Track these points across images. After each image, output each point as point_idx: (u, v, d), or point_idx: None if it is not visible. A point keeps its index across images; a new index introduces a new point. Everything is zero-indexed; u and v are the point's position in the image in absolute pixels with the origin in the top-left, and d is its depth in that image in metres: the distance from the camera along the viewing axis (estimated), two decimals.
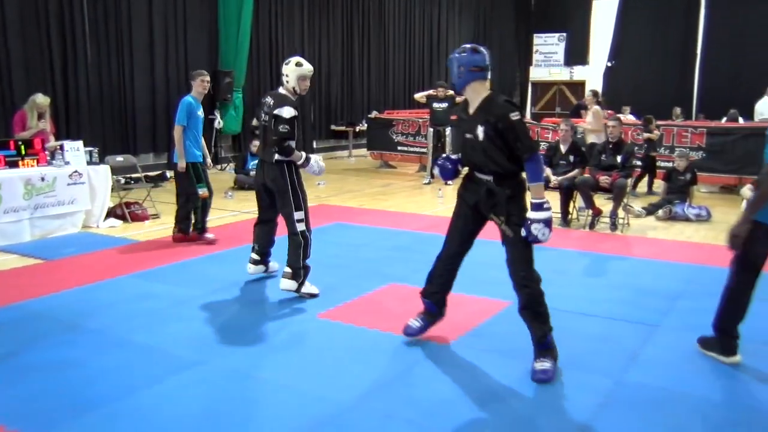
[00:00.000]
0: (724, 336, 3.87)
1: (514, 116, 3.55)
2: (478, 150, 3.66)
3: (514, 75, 23.80)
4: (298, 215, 4.85)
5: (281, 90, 4.95)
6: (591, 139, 9.85)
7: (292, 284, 4.91)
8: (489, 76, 3.78)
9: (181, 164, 6.48)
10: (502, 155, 3.59)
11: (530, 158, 3.55)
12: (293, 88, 4.91)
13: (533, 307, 3.68)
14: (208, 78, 6.83)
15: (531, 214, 3.53)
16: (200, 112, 6.65)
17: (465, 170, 3.95)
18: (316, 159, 5.02)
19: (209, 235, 6.72)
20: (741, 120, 12.75)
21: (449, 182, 10.71)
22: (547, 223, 3.53)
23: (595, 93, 10.65)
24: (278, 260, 5.52)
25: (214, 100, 12.41)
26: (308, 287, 4.97)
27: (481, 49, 3.77)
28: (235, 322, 4.46)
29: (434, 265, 4.09)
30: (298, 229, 4.87)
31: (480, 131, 3.61)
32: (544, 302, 3.69)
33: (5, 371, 3.65)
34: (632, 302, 4.90)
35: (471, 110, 3.75)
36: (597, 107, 10.11)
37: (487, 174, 3.67)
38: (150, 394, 3.38)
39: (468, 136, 3.72)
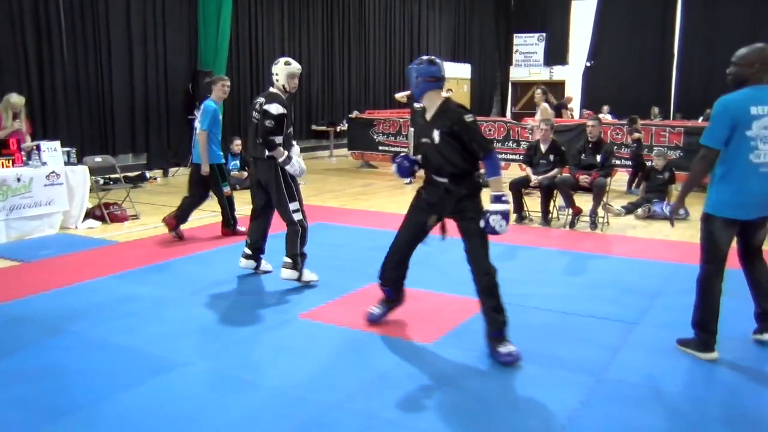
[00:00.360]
0: (701, 332, 3.94)
1: (469, 118, 3.79)
2: (435, 153, 3.89)
3: (494, 75, 23.91)
4: (293, 206, 5.12)
5: (272, 89, 5.15)
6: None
7: (292, 273, 5.11)
8: (443, 86, 4.02)
9: (205, 168, 6.65)
10: (458, 156, 3.84)
11: (487, 155, 3.80)
12: (283, 86, 5.12)
13: (493, 294, 3.90)
14: (228, 83, 7.13)
15: (490, 206, 3.74)
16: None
17: (422, 172, 4.16)
18: (297, 160, 5.14)
19: (242, 228, 6.89)
20: None
21: (409, 180, 10.78)
22: (505, 215, 3.74)
23: (544, 91, 10.91)
24: (272, 260, 5.51)
25: (194, 100, 12.31)
26: (307, 275, 5.19)
27: (437, 60, 3.99)
28: (216, 323, 4.43)
29: (387, 255, 4.35)
30: (295, 219, 5.13)
31: (436, 135, 3.85)
32: (500, 293, 3.91)
33: None
34: (612, 300, 4.95)
35: (428, 117, 3.96)
36: (546, 105, 10.47)
37: (444, 176, 3.92)
38: (130, 396, 3.35)
39: (425, 140, 3.95)
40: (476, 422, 3.13)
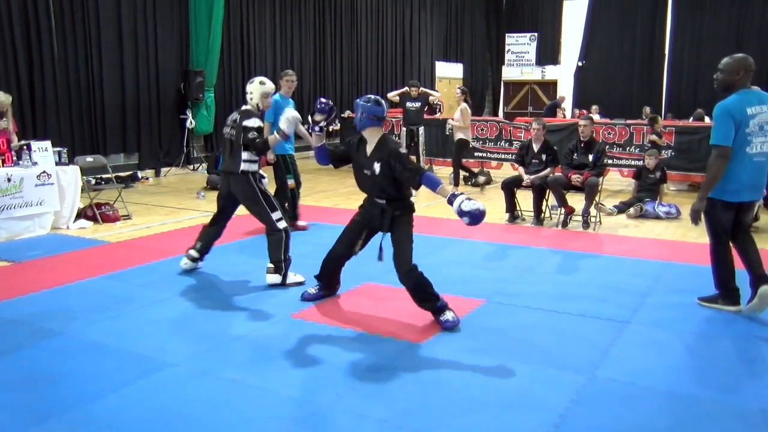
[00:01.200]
0: (725, 290, 4.66)
1: (402, 151, 4.37)
2: (374, 183, 4.43)
3: (485, 74, 23.95)
4: (276, 215, 5.20)
5: (246, 106, 5.33)
6: (459, 135, 10.50)
7: (276, 278, 5.18)
8: (383, 124, 4.51)
9: (270, 156, 6.90)
10: (393, 186, 4.39)
11: (421, 177, 4.23)
12: (257, 105, 5.35)
13: (423, 288, 4.31)
14: (292, 78, 7.30)
15: (454, 208, 4.05)
16: (289, 108, 6.76)
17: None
18: (285, 121, 5.11)
19: (301, 223, 7.16)
20: (707, 119, 12.98)
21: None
22: (468, 201, 4.03)
23: (464, 91, 10.99)
24: (255, 262, 5.48)
25: (186, 100, 12.29)
26: (292, 277, 5.26)
27: (382, 102, 4.45)
28: (206, 323, 4.41)
29: (323, 263, 4.82)
30: (281, 227, 5.19)
31: (377, 167, 4.37)
32: (428, 282, 4.32)
33: None
34: (603, 299, 4.96)
35: (368, 151, 4.46)
36: (465, 105, 10.56)
37: (382, 199, 4.47)
38: (119, 397, 3.33)
39: (366, 172, 4.46)
40: (468, 421, 3.13)
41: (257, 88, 5.29)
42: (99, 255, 6.22)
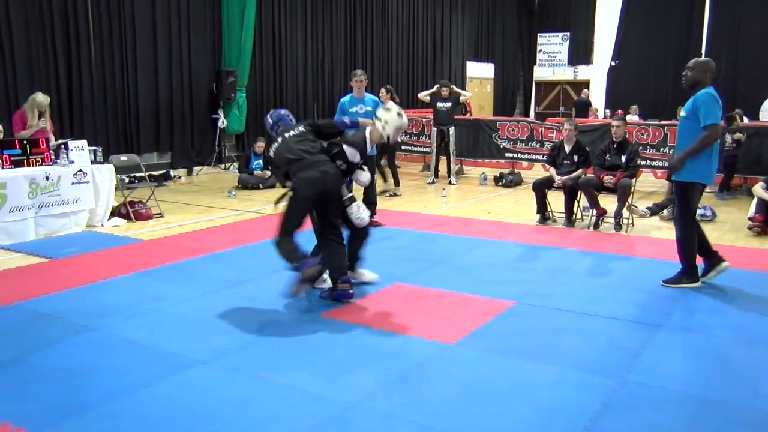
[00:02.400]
0: (692, 268, 5.21)
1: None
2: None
3: (517, 75, 23.77)
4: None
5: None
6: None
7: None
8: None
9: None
10: None
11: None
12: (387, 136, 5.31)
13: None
14: (360, 77, 7.71)
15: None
16: (358, 108, 7.38)
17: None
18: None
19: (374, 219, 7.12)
20: (746, 119, 12.70)
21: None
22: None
23: (388, 89, 10.21)
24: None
25: (218, 100, 12.43)
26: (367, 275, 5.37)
27: (267, 117, 5.25)
28: (237, 322, 4.46)
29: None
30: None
31: None
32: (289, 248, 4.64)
33: (9, 370, 3.66)
34: (635, 302, 4.89)
35: None
36: (392, 103, 9.46)
37: None
38: (151, 393, 3.39)
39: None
40: (497, 423, 3.11)
41: (395, 120, 5.28)
42: (132, 252, 6.32)
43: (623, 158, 7.56)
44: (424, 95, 11.70)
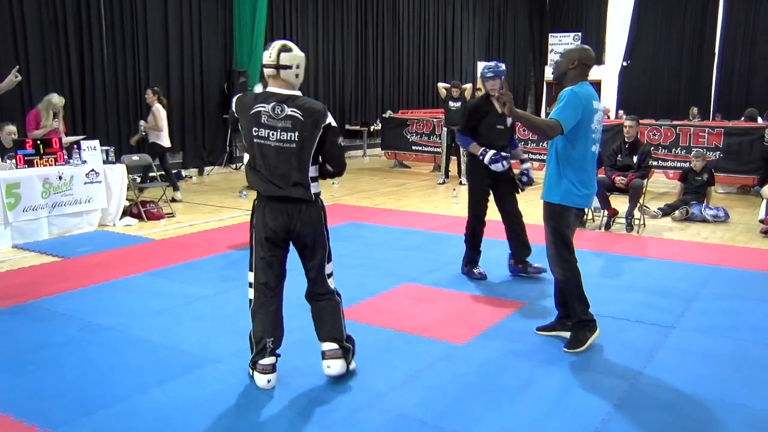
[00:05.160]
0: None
1: None
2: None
3: (528, 74, 23.70)
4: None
5: (295, 92, 3.46)
6: (153, 139, 9.16)
7: (341, 364, 3.58)
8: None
9: None
10: None
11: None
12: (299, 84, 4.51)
13: None
14: None
15: None
16: None
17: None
18: None
19: None
20: (760, 120, 12.60)
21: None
22: None
23: (155, 91, 9.28)
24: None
25: (229, 100, 12.45)
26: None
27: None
28: (247, 321, 4.46)
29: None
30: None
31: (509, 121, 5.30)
32: None
33: (22, 368, 3.69)
34: (647, 303, 4.86)
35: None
36: (158, 105, 9.10)
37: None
38: (163, 391, 3.40)
39: (499, 127, 5.38)
40: (508, 424, 3.11)
41: (301, 58, 3.42)
42: (144, 252, 6.35)
43: (635, 159, 7.54)
44: (441, 87, 11.73)
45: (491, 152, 5.27)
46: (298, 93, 3.42)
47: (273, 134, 3.34)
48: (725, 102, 20.04)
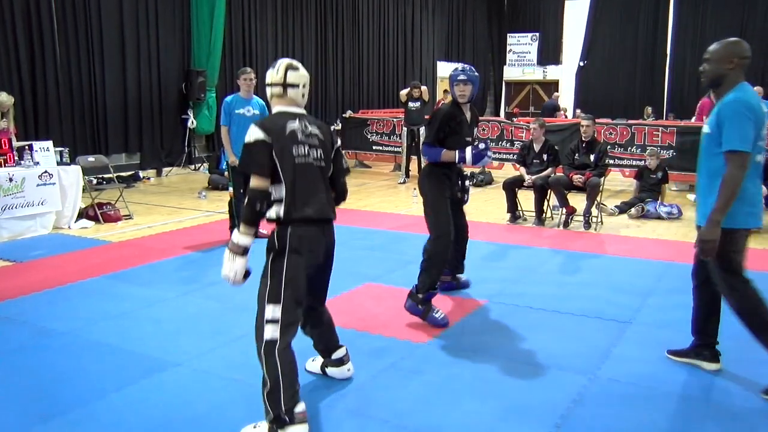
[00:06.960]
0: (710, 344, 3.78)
1: None
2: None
3: (487, 74, 23.94)
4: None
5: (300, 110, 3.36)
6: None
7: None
8: None
9: (232, 159, 6.44)
10: None
11: None
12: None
13: None
14: (250, 75, 6.68)
15: None
16: (245, 110, 6.51)
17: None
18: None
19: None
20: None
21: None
22: None
23: None
24: None
25: (187, 100, 12.30)
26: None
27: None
28: (209, 323, 4.42)
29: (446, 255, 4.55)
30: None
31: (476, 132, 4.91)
32: None
33: None
34: (605, 299, 4.95)
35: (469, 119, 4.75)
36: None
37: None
38: (122, 396, 3.34)
39: (468, 139, 4.76)
40: (470, 421, 3.13)
41: (307, 78, 3.33)
42: (101, 255, 6.22)
43: (592, 157, 7.67)
44: (403, 94, 11.75)
45: (469, 148, 4.55)
46: (305, 112, 3.26)
47: (311, 152, 3.15)
48: (678, 102, 20.57)
